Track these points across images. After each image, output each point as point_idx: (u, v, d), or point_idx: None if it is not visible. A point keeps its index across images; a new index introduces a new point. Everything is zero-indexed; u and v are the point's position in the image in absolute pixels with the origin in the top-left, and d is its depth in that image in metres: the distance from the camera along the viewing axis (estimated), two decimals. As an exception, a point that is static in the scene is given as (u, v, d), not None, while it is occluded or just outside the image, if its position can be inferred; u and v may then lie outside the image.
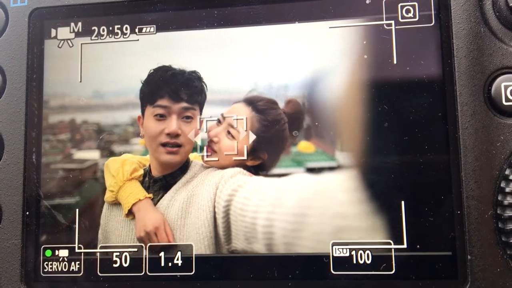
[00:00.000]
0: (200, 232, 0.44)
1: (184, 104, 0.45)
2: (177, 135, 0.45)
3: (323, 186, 0.42)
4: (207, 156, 0.45)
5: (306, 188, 0.42)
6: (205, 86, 0.45)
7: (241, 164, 0.44)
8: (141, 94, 0.46)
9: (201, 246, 0.44)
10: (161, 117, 0.46)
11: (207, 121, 0.45)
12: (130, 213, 0.45)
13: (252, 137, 0.44)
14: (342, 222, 0.41)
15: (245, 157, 0.44)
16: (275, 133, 0.44)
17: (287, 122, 0.44)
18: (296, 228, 0.42)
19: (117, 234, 0.45)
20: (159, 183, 0.46)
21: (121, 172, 0.46)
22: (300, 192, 0.42)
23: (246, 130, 0.44)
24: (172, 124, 0.45)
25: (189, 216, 0.44)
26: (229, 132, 0.45)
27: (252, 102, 0.44)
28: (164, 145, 0.46)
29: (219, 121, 0.45)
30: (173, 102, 0.46)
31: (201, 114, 0.45)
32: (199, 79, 0.45)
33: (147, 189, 0.46)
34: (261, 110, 0.44)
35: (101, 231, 0.45)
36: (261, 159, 0.44)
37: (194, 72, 0.45)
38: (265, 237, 0.42)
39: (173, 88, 0.45)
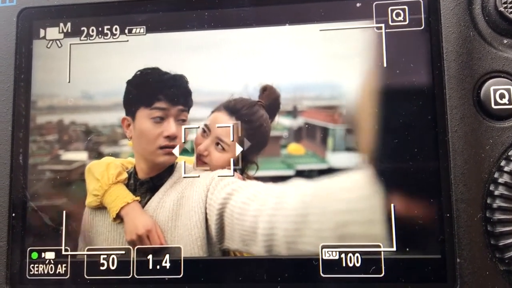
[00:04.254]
0: (193, 234, 0.44)
1: (181, 107, 0.45)
2: (175, 138, 0.45)
3: (321, 189, 0.42)
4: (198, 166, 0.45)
5: (306, 191, 0.42)
6: (191, 91, 0.45)
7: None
8: (128, 96, 0.46)
9: (193, 247, 0.43)
10: (159, 120, 0.45)
11: (185, 128, 0.45)
12: (118, 217, 0.45)
13: (241, 148, 0.44)
14: (343, 218, 0.41)
15: (238, 166, 0.44)
16: (261, 134, 0.45)
17: (268, 117, 0.44)
18: (298, 227, 0.42)
19: (103, 239, 0.45)
20: (145, 185, 0.46)
21: (106, 176, 0.46)
22: (300, 195, 0.42)
23: (233, 141, 0.44)
24: (171, 127, 0.45)
25: (180, 218, 0.44)
26: (218, 144, 0.45)
27: (234, 111, 0.44)
28: (162, 147, 0.45)
29: (204, 131, 0.45)
30: (171, 105, 0.45)
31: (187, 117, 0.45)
32: (187, 83, 0.45)
33: (133, 191, 0.46)
34: (246, 118, 0.44)
35: (82, 238, 0.45)
36: (253, 162, 0.44)
37: (183, 76, 0.45)
38: (266, 239, 0.42)
39: (172, 91, 0.45)
